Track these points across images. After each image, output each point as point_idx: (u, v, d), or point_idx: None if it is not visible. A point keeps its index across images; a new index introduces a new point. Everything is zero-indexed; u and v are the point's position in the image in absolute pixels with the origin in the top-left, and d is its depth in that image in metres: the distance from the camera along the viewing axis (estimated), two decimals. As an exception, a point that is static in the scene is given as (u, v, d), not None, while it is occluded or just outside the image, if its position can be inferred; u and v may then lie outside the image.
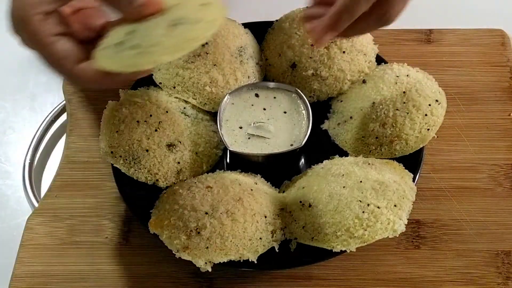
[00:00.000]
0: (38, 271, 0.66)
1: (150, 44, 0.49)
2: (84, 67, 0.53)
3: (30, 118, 0.81)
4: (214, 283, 0.65)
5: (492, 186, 0.69)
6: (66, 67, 0.53)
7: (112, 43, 0.51)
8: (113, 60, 0.50)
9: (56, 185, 0.72)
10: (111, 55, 0.51)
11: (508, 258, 0.65)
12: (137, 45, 0.50)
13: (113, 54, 0.51)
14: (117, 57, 0.50)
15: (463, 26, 0.82)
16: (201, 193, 0.62)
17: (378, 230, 0.58)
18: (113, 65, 0.50)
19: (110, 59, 0.51)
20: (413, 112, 0.66)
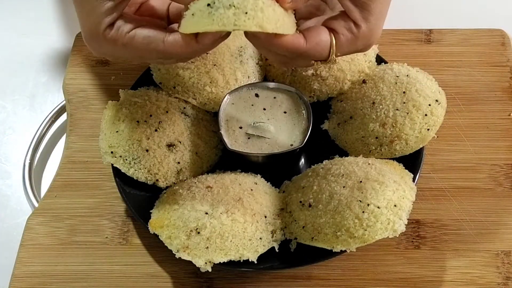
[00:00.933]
0: (38, 271, 0.66)
1: (250, 7, 0.50)
2: (171, 39, 0.54)
3: (30, 118, 0.81)
4: (214, 283, 0.65)
5: (492, 186, 0.69)
6: (157, 49, 0.54)
7: (202, 5, 0.51)
8: (208, 20, 0.50)
9: (56, 185, 0.72)
10: (204, 16, 0.50)
11: (508, 258, 0.65)
12: (233, 5, 0.49)
13: (207, 15, 0.50)
14: (213, 17, 0.50)
15: (463, 26, 0.82)
16: (201, 193, 0.62)
17: (378, 230, 0.58)
18: (210, 25, 0.50)
19: (205, 19, 0.50)
20: (413, 112, 0.66)
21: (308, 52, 0.55)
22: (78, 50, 0.83)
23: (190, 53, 0.55)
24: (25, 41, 0.88)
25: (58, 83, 0.82)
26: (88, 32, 0.56)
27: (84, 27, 0.56)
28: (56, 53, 0.87)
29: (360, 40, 0.56)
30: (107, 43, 0.55)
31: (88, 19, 0.55)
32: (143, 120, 0.66)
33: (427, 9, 0.87)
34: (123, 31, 0.55)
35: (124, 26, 0.55)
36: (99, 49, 0.57)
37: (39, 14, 0.91)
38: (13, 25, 0.90)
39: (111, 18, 0.54)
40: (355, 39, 0.55)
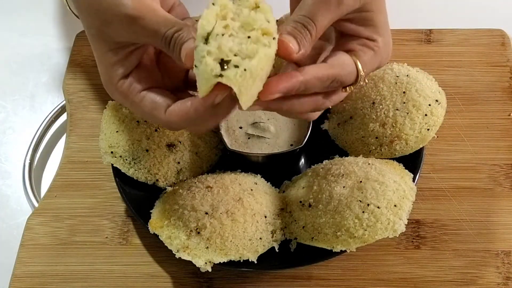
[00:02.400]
0: (38, 271, 0.66)
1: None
2: (172, 109, 0.52)
3: (30, 118, 0.81)
4: (214, 283, 0.65)
5: (492, 186, 0.69)
6: (159, 117, 0.53)
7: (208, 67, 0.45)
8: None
9: (56, 185, 0.72)
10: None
11: (508, 258, 0.65)
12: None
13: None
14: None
15: (463, 26, 0.82)
16: (201, 193, 0.62)
17: (378, 230, 0.58)
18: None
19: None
20: (413, 112, 0.66)
21: (337, 77, 0.52)
22: (78, 50, 0.83)
23: (195, 123, 0.52)
24: (25, 41, 0.88)
25: (58, 83, 0.82)
26: (103, 77, 0.55)
27: (101, 72, 0.55)
28: (56, 53, 0.87)
29: (380, 54, 0.54)
30: (119, 94, 0.55)
31: (103, 67, 0.55)
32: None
33: (427, 9, 0.87)
34: (134, 89, 0.54)
35: (136, 84, 0.54)
36: (113, 96, 0.56)
37: (39, 14, 0.91)
38: (13, 25, 0.90)
39: (124, 70, 0.54)
40: (374, 53, 0.54)
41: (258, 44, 0.46)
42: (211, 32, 0.45)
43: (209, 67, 0.44)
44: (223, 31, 0.45)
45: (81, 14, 0.55)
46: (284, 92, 0.49)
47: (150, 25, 0.51)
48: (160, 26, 0.51)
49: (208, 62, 0.44)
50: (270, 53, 0.46)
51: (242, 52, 0.45)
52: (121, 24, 0.51)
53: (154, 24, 0.51)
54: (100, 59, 0.55)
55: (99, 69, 0.56)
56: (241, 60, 0.45)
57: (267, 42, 0.46)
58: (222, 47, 0.45)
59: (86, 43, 0.83)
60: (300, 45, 0.50)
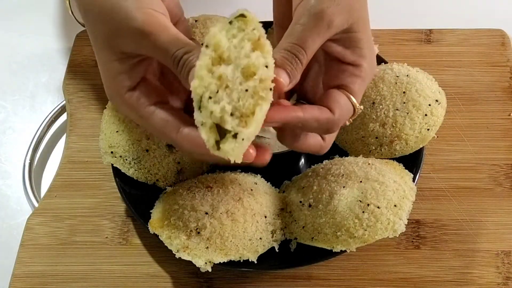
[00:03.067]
0: (38, 271, 0.66)
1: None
2: (187, 133, 0.51)
3: (30, 118, 0.81)
4: (214, 283, 0.65)
5: (492, 186, 0.69)
6: (170, 135, 0.52)
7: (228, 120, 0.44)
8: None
9: (56, 185, 0.72)
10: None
11: (508, 258, 0.65)
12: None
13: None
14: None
15: (463, 26, 0.82)
16: (201, 193, 0.62)
17: (378, 230, 0.58)
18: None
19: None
20: (413, 112, 0.66)
21: (336, 120, 0.52)
22: (78, 50, 0.83)
23: (202, 154, 0.49)
24: (25, 41, 0.88)
25: (58, 83, 0.82)
26: (109, 89, 0.54)
27: (106, 83, 0.54)
28: (56, 53, 0.87)
29: (366, 78, 0.54)
30: (127, 107, 0.54)
31: (109, 77, 0.53)
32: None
33: (427, 9, 0.87)
34: (143, 103, 0.53)
35: (144, 98, 0.53)
36: (119, 108, 0.55)
37: (39, 14, 0.91)
38: (13, 25, 0.90)
39: (131, 81, 0.53)
40: (362, 80, 0.54)
41: (255, 97, 0.45)
42: (204, 94, 0.44)
43: (206, 138, 0.45)
44: (218, 85, 0.44)
45: (88, 22, 0.54)
46: (282, 123, 0.49)
47: (161, 43, 0.50)
48: (171, 45, 0.50)
49: (205, 133, 0.44)
50: (267, 107, 0.46)
51: (239, 110, 0.45)
52: (131, 37, 0.50)
53: (165, 43, 0.50)
54: (105, 69, 0.54)
55: (103, 80, 0.55)
56: (236, 127, 0.44)
57: (264, 94, 0.45)
58: (215, 113, 0.44)
59: (86, 43, 0.84)
60: (291, 76, 0.49)
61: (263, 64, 0.45)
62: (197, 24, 0.73)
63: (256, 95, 0.45)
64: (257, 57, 0.45)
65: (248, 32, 0.46)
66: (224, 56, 0.45)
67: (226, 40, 0.45)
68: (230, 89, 0.45)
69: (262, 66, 0.45)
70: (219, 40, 0.45)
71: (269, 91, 0.46)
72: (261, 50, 0.46)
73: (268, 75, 0.45)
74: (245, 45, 0.45)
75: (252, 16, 0.46)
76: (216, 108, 0.44)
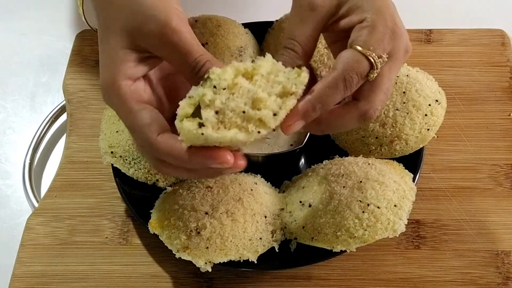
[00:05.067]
0: (38, 271, 0.66)
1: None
2: (167, 138, 0.50)
3: (30, 118, 0.81)
4: (214, 283, 0.65)
5: (492, 186, 0.69)
6: (147, 135, 0.50)
7: (209, 113, 0.46)
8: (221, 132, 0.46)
9: (56, 185, 0.72)
10: (212, 124, 0.46)
11: (508, 258, 0.65)
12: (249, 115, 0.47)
13: (215, 123, 0.46)
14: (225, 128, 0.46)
15: (463, 26, 0.82)
16: (201, 193, 0.62)
17: (378, 230, 0.58)
18: (222, 137, 0.46)
19: (215, 132, 0.46)
20: (413, 112, 0.66)
21: (346, 74, 0.50)
22: (78, 50, 0.83)
23: (185, 161, 0.49)
24: (25, 41, 0.88)
25: (58, 83, 0.82)
26: (106, 74, 0.52)
27: (106, 67, 0.52)
28: (56, 53, 0.87)
29: (377, 26, 0.50)
30: (117, 97, 0.51)
31: (111, 61, 0.52)
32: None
33: (427, 9, 0.87)
34: (134, 98, 0.51)
35: (138, 94, 0.51)
36: (108, 97, 0.52)
37: (39, 14, 0.91)
38: (13, 25, 0.90)
39: (134, 71, 0.51)
40: (371, 29, 0.50)
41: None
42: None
43: (183, 105, 0.47)
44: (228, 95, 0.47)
45: (108, 7, 0.53)
46: (303, 118, 0.50)
47: (185, 43, 0.50)
48: (195, 48, 0.50)
49: (186, 102, 0.46)
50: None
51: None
52: (157, 30, 0.50)
53: (189, 45, 0.50)
54: (111, 54, 0.52)
55: (102, 65, 0.52)
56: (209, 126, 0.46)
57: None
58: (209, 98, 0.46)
59: (86, 43, 0.84)
60: (286, 65, 0.50)
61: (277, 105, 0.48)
62: (197, 24, 0.73)
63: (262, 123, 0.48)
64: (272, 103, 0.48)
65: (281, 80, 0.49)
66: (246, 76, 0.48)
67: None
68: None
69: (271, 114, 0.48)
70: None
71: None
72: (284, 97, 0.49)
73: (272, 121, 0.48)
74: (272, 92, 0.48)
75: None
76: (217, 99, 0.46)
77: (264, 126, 0.47)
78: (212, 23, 0.73)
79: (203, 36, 0.72)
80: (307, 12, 0.53)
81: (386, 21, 0.51)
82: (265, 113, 0.47)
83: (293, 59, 0.52)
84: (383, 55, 0.51)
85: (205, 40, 0.71)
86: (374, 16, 0.51)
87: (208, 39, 0.71)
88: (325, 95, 0.50)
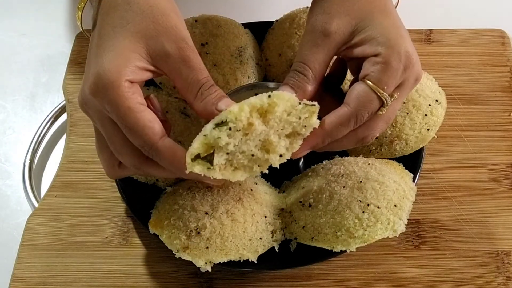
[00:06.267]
0: (38, 271, 0.66)
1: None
2: (170, 143, 0.50)
3: (30, 118, 0.81)
4: (214, 283, 0.65)
5: (492, 186, 0.69)
6: (149, 137, 0.49)
7: (221, 157, 0.48)
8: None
9: (56, 185, 0.72)
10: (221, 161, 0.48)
11: (508, 258, 0.65)
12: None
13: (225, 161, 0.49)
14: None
15: (463, 26, 0.82)
16: (201, 193, 0.62)
17: (378, 230, 0.58)
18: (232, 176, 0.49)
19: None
20: (413, 112, 0.66)
21: (358, 112, 0.52)
22: (78, 50, 0.83)
23: (180, 171, 0.50)
24: (25, 41, 0.88)
25: (58, 83, 0.82)
26: (105, 71, 0.50)
27: (106, 64, 0.50)
28: (56, 53, 0.87)
29: (391, 63, 0.52)
30: (116, 94, 0.49)
31: (118, 56, 0.50)
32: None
33: (427, 9, 0.87)
34: (137, 99, 0.50)
35: (140, 96, 0.51)
36: (103, 92, 0.49)
37: (39, 14, 0.91)
38: (13, 25, 0.90)
39: (136, 77, 0.51)
40: (385, 66, 0.52)
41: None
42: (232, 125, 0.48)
43: (197, 145, 0.48)
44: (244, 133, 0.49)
45: (123, 8, 0.52)
46: (311, 149, 0.53)
47: (199, 61, 0.52)
48: (203, 68, 0.52)
49: (199, 141, 0.48)
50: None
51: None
52: (176, 43, 0.51)
53: (200, 64, 0.52)
54: (121, 51, 0.51)
55: (107, 59, 0.51)
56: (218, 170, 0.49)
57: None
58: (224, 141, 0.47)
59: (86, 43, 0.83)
60: (294, 88, 0.53)
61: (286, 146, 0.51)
62: (197, 24, 0.73)
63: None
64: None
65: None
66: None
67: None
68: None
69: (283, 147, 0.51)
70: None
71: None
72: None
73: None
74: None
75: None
76: (230, 142, 0.47)
77: (267, 165, 0.50)
78: (212, 23, 0.73)
79: (203, 36, 0.72)
80: (320, 38, 0.54)
81: (400, 56, 0.53)
82: (273, 157, 0.49)
83: (303, 83, 0.54)
84: (394, 94, 0.53)
85: (205, 40, 0.71)
86: (388, 51, 0.52)
87: (208, 39, 0.71)
88: (335, 131, 0.52)
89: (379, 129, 0.55)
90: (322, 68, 0.54)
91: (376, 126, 0.54)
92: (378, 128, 0.55)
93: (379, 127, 0.55)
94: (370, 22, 0.53)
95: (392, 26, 0.54)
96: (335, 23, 0.53)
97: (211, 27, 0.72)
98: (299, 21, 0.72)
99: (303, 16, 0.72)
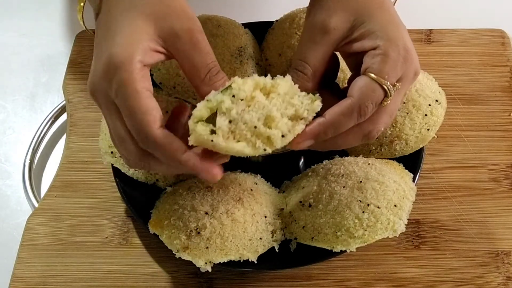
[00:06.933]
0: (38, 271, 0.66)
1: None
2: (167, 133, 0.49)
3: (30, 118, 0.81)
4: (214, 283, 0.65)
5: (492, 186, 0.69)
6: (147, 123, 0.48)
7: (224, 121, 0.48)
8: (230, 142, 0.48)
9: (56, 185, 0.72)
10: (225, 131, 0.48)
11: (508, 258, 0.65)
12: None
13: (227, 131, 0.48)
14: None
15: (463, 26, 0.82)
16: (201, 193, 0.62)
17: (378, 230, 0.58)
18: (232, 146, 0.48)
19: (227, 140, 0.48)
20: (413, 112, 0.66)
21: (361, 103, 0.51)
22: (78, 50, 0.83)
23: (182, 161, 0.49)
24: (25, 41, 0.88)
25: (58, 83, 0.82)
26: (117, 50, 0.49)
27: (118, 44, 0.50)
28: (56, 53, 0.87)
29: (390, 55, 0.52)
30: (126, 74, 0.49)
31: (131, 37, 0.50)
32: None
33: (427, 9, 0.87)
34: (145, 83, 0.50)
35: (148, 80, 0.50)
36: (113, 71, 0.49)
37: (39, 14, 0.91)
38: (13, 25, 0.90)
39: (147, 58, 0.50)
40: (384, 57, 0.52)
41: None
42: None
43: (200, 108, 0.48)
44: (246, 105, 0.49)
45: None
46: (313, 138, 0.52)
47: (204, 44, 0.52)
48: (210, 51, 0.52)
49: (202, 105, 0.48)
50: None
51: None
52: (187, 25, 0.51)
53: (208, 47, 0.52)
54: (134, 31, 0.50)
55: (119, 40, 0.50)
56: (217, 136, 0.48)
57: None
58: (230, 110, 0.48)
59: (86, 43, 0.84)
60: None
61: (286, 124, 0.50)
62: (197, 24, 0.73)
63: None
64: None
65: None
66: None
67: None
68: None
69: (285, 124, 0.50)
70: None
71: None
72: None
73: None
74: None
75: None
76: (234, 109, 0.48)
77: (271, 145, 0.49)
78: (212, 23, 0.73)
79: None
80: (319, 35, 0.54)
81: (398, 48, 0.53)
82: (275, 132, 0.49)
83: (302, 81, 0.54)
84: (396, 84, 0.53)
85: (205, 40, 0.71)
86: (387, 43, 0.53)
87: (208, 39, 0.71)
88: (338, 122, 0.51)
89: (384, 123, 0.54)
90: (321, 65, 0.55)
91: (381, 119, 0.54)
92: (383, 122, 0.54)
93: (383, 121, 0.54)
94: (369, 18, 0.54)
95: (391, 22, 0.54)
96: (333, 19, 0.53)
97: (211, 27, 0.72)
98: (299, 21, 0.72)
99: (303, 16, 0.72)
